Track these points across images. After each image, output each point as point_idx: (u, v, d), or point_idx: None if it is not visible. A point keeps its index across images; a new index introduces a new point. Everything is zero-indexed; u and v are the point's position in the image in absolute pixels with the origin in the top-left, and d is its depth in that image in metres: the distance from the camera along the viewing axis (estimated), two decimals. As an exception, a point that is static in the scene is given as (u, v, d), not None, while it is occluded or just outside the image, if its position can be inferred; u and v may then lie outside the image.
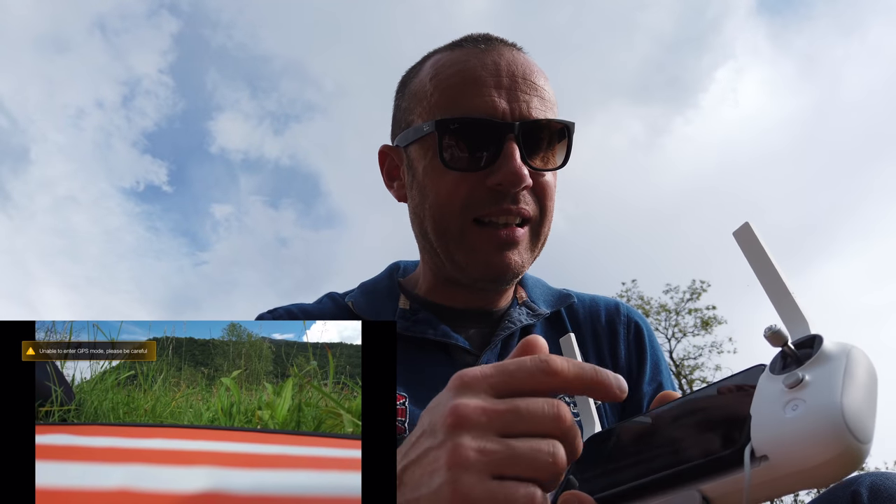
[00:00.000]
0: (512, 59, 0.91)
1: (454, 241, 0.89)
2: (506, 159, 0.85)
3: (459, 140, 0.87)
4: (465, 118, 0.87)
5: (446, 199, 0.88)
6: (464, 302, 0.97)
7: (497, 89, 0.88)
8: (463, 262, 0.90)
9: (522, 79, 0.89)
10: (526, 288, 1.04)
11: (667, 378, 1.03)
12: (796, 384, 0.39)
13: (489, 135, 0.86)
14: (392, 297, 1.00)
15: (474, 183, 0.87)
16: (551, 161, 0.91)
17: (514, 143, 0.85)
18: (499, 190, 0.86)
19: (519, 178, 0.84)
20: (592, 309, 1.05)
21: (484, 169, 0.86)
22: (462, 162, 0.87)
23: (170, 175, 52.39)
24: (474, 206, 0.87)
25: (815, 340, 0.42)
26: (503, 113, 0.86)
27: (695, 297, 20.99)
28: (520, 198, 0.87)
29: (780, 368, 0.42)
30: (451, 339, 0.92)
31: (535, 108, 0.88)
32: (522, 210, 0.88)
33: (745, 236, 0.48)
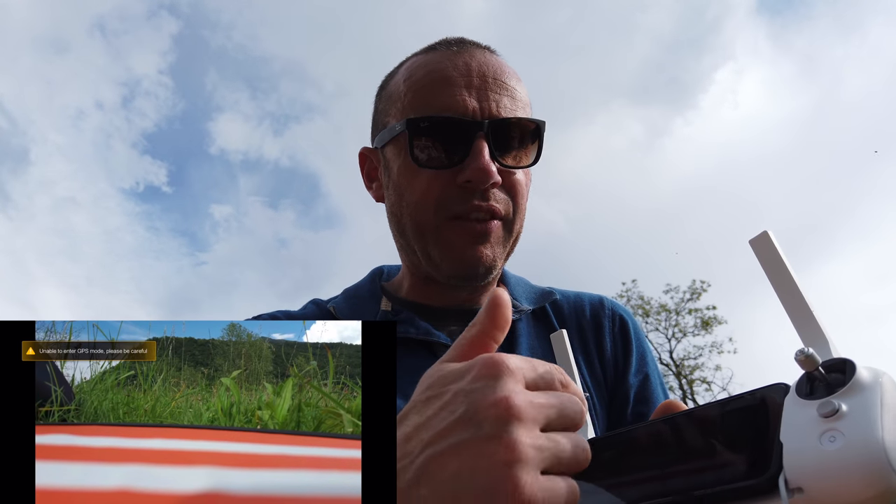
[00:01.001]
0: (483, 60, 0.92)
1: (430, 237, 0.91)
2: (474, 157, 0.86)
3: (430, 139, 0.89)
4: (434, 117, 0.88)
5: (420, 198, 0.90)
6: (445, 301, 0.98)
7: (467, 89, 0.89)
8: (438, 259, 0.91)
9: (493, 79, 0.91)
10: (508, 286, 1.05)
11: (653, 369, 1.03)
12: (832, 414, 0.38)
13: (459, 133, 0.87)
14: (374, 299, 1.01)
15: (446, 181, 0.88)
16: (522, 159, 0.92)
17: (484, 140, 0.86)
18: (468, 187, 0.87)
19: (486, 174, 0.85)
20: (577, 304, 1.06)
21: (455, 167, 0.87)
22: (433, 161, 0.88)
23: (169, 176, 52.40)
24: (447, 204, 0.88)
25: (847, 366, 0.40)
26: (473, 111, 0.88)
27: (695, 297, 21.00)
28: (489, 195, 0.88)
29: (808, 393, 0.41)
30: (434, 337, 0.93)
31: (504, 106, 0.89)
32: (493, 207, 0.88)
33: (762, 245, 0.46)
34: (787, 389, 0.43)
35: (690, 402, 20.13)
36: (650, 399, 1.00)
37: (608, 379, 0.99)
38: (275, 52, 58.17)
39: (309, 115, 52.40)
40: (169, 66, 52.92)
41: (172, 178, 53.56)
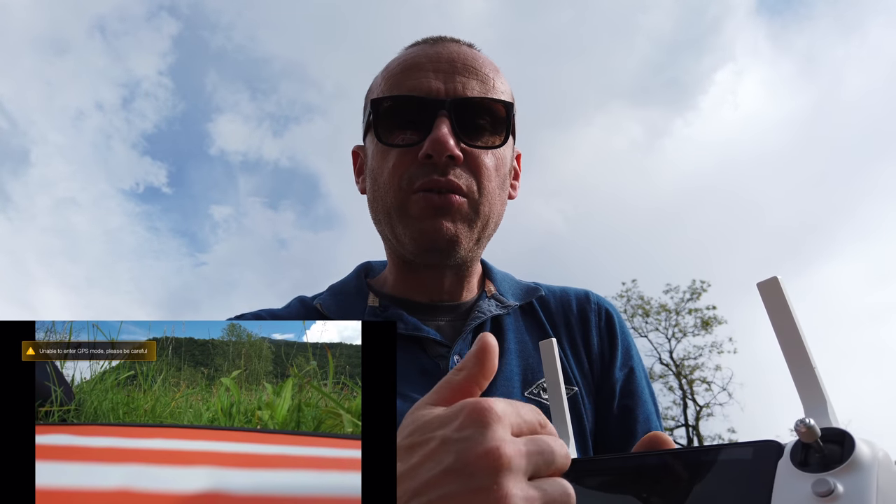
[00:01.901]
0: (458, 50, 0.94)
1: (396, 214, 0.92)
2: (433, 132, 0.86)
3: (394, 118, 0.90)
4: (397, 96, 0.90)
5: (389, 177, 0.91)
6: (429, 293, 0.98)
7: (435, 73, 0.90)
8: (402, 235, 0.92)
9: (462, 64, 0.92)
10: (494, 282, 1.05)
11: (638, 363, 1.04)
12: (827, 494, 0.37)
13: (422, 111, 0.88)
14: (361, 296, 1.01)
15: (411, 158, 0.89)
16: (490, 141, 0.91)
17: (445, 118, 0.87)
18: (428, 162, 0.87)
19: (441, 145, 0.85)
20: (563, 299, 1.06)
21: (418, 144, 0.88)
22: (398, 139, 0.89)
23: (169, 177, 52.36)
24: (410, 178, 0.89)
25: (846, 441, 0.39)
26: (437, 92, 0.89)
27: (695, 297, 21.00)
28: (449, 170, 0.88)
29: (802, 462, 0.40)
30: (422, 332, 0.93)
31: (471, 89, 0.90)
32: (452, 182, 0.88)
33: (770, 291, 0.45)
34: (780, 451, 0.42)
35: (690, 402, 20.12)
36: (635, 392, 1.00)
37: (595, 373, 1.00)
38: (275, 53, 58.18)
39: (309, 115, 52.40)
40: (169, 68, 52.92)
41: (172, 179, 53.55)
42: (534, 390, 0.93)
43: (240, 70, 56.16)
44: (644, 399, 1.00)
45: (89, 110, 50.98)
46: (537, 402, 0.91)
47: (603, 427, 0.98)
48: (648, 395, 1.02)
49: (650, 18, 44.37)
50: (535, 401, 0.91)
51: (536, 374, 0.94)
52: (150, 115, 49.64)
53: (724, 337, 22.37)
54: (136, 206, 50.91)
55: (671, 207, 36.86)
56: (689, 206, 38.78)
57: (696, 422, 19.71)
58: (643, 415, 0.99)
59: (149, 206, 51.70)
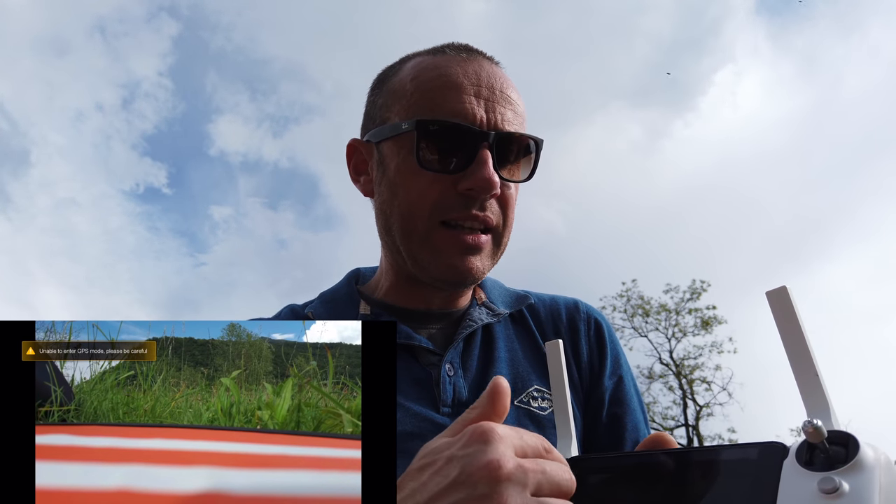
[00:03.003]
0: (492, 71, 0.94)
1: (419, 240, 0.91)
2: (479, 165, 0.87)
3: (436, 142, 0.89)
4: (444, 121, 0.89)
5: (417, 199, 0.90)
6: (423, 304, 0.99)
7: (476, 98, 0.90)
8: (426, 262, 0.92)
9: (500, 91, 0.92)
10: (485, 290, 1.06)
11: (626, 371, 1.05)
12: (832, 491, 0.38)
13: (465, 140, 0.88)
14: (352, 303, 1.01)
15: (445, 186, 0.88)
16: (517, 174, 0.93)
17: (489, 151, 0.87)
18: (469, 195, 0.88)
19: (490, 184, 0.86)
20: (553, 308, 1.07)
21: (455, 173, 0.88)
22: (436, 164, 0.89)
23: (169, 177, 52.36)
24: (443, 208, 0.89)
25: (850, 442, 0.40)
26: (480, 121, 0.89)
27: (695, 297, 21.00)
28: (487, 205, 0.89)
29: (807, 462, 0.41)
30: (414, 340, 0.93)
31: (508, 120, 0.91)
32: (488, 218, 0.90)
33: (779, 300, 0.46)
34: (785, 451, 0.43)
35: (690, 402, 20.14)
36: (624, 400, 1.01)
37: (584, 382, 1.01)
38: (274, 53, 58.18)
39: (308, 116, 52.38)
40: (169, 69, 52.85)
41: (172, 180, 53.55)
42: (523, 398, 0.93)
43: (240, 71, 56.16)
44: (633, 407, 1.01)
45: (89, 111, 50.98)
46: (526, 409, 0.92)
47: (592, 435, 0.98)
48: (637, 403, 1.02)
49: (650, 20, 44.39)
50: (525, 409, 0.92)
51: (526, 383, 0.94)
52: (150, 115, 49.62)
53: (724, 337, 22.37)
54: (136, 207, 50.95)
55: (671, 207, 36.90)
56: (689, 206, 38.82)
57: (696, 422, 19.72)
58: (632, 423, 0.99)
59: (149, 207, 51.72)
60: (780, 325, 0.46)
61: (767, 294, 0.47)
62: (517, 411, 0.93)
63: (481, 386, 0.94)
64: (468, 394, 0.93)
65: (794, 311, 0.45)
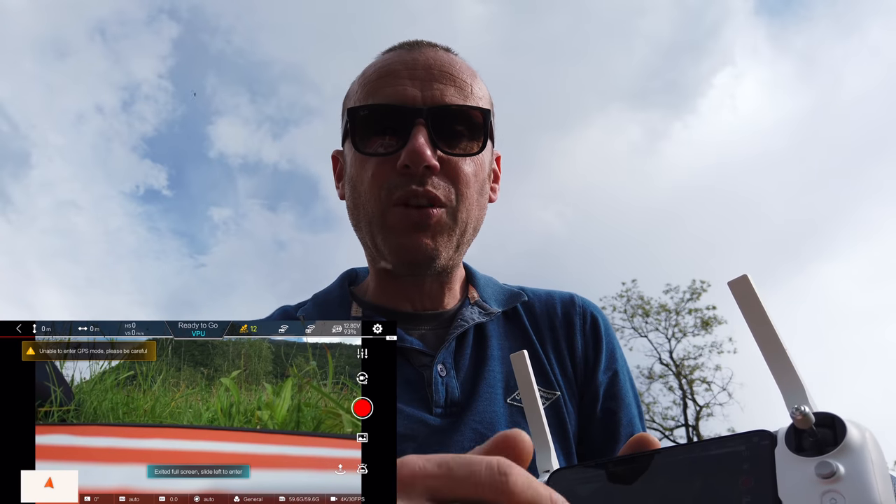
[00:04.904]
0: (434, 56, 0.93)
1: (376, 225, 0.92)
2: (410, 141, 0.86)
3: (371, 127, 0.89)
4: (373, 105, 0.89)
5: (368, 186, 0.90)
6: (410, 304, 0.98)
7: (411, 80, 0.89)
8: (382, 245, 0.92)
9: (439, 71, 0.91)
10: (477, 288, 1.05)
11: (622, 366, 1.04)
12: (830, 476, 0.38)
13: (399, 120, 0.88)
14: (343, 305, 1.01)
15: (390, 167, 0.88)
16: (467, 147, 0.91)
17: (422, 126, 0.86)
18: (406, 172, 0.87)
19: (419, 156, 0.85)
20: (548, 303, 1.06)
21: (396, 153, 0.88)
22: (375, 147, 0.89)
23: (169, 179, 52.33)
24: (389, 189, 0.88)
25: (837, 423, 0.41)
26: (413, 99, 0.88)
27: (695, 297, 20.99)
28: (427, 180, 0.88)
29: (798, 448, 0.41)
30: (405, 343, 0.92)
31: (449, 95, 0.89)
32: (430, 192, 0.88)
33: (741, 288, 0.46)
34: (774, 439, 0.42)
35: (690, 402, 20.12)
36: (618, 395, 1.00)
37: (578, 376, 1.00)
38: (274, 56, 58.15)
39: (308, 118, 52.34)
40: (169, 71, 52.78)
41: (172, 182, 53.49)
42: (517, 397, 0.93)
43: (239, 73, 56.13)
44: (627, 402, 1.00)
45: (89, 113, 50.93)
46: (520, 408, 0.91)
47: (586, 430, 0.97)
48: (632, 398, 1.02)
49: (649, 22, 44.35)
50: (518, 407, 0.91)
51: None
52: (150, 117, 49.56)
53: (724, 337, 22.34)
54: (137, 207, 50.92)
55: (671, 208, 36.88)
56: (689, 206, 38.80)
57: (696, 422, 19.70)
58: (626, 418, 0.99)
59: (149, 208, 51.70)
60: (746, 313, 0.46)
61: (730, 284, 0.47)
62: (510, 410, 0.92)
63: (474, 385, 0.93)
64: (460, 394, 0.92)
65: (757, 299, 0.46)
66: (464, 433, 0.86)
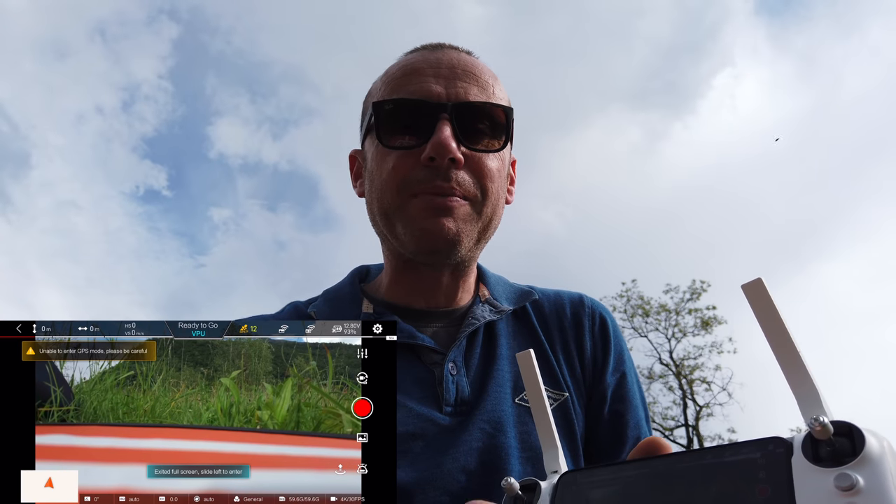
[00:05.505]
0: (457, 57, 0.95)
1: (395, 215, 0.91)
2: (435, 134, 0.87)
3: (396, 121, 0.91)
4: (399, 99, 0.91)
5: (388, 178, 0.91)
6: (424, 301, 0.98)
7: (435, 77, 0.91)
8: (402, 234, 0.92)
9: (463, 70, 0.93)
10: (488, 286, 1.05)
11: (630, 368, 1.04)
12: (850, 488, 0.37)
13: (424, 115, 0.89)
14: (355, 302, 1.01)
15: (413, 161, 0.89)
16: (490, 145, 0.92)
17: (447, 121, 0.88)
18: (431, 166, 0.88)
19: (444, 148, 0.86)
20: (557, 303, 1.06)
21: (419, 147, 0.88)
22: (399, 142, 0.90)
23: (169, 180, 52.33)
24: (411, 182, 0.89)
25: (854, 433, 0.40)
26: (438, 96, 0.90)
27: (695, 297, 20.97)
28: (452, 175, 0.88)
29: (815, 457, 0.40)
30: (417, 340, 0.92)
31: (473, 94, 0.91)
32: (454, 188, 0.89)
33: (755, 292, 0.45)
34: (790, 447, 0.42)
35: (690, 402, 20.13)
36: (626, 397, 1.00)
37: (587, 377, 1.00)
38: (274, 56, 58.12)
39: (308, 118, 52.33)
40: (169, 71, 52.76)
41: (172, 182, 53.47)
42: (525, 397, 0.92)
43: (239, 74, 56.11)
44: (635, 404, 1.00)
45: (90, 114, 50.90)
46: (528, 408, 0.91)
47: (593, 432, 0.97)
48: (639, 400, 1.01)
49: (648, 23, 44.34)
50: (527, 407, 0.91)
51: None
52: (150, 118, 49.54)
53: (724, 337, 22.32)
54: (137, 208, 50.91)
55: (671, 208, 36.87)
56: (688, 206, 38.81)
57: (696, 422, 19.70)
58: (633, 420, 0.98)
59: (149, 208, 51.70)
60: (761, 318, 0.45)
61: (743, 287, 0.46)
62: (518, 409, 0.92)
63: (483, 384, 0.93)
64: (470, 393, 0.92)
65: (772, 303, 0.45)
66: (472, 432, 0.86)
